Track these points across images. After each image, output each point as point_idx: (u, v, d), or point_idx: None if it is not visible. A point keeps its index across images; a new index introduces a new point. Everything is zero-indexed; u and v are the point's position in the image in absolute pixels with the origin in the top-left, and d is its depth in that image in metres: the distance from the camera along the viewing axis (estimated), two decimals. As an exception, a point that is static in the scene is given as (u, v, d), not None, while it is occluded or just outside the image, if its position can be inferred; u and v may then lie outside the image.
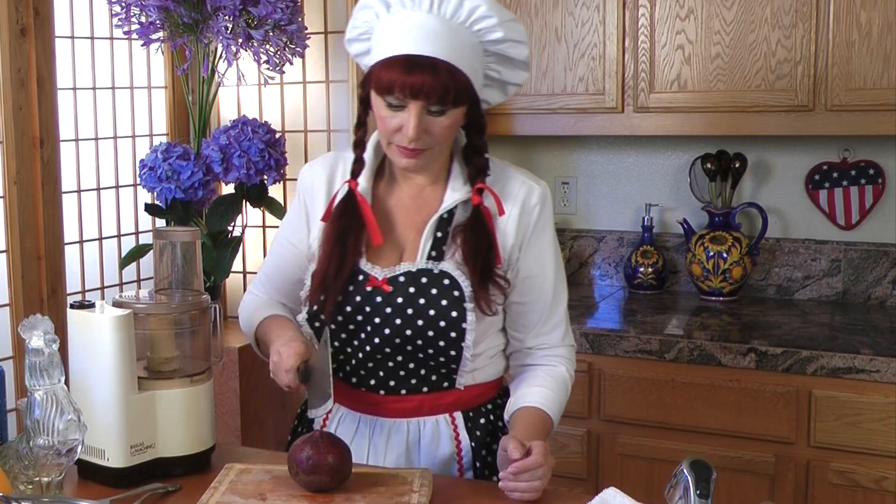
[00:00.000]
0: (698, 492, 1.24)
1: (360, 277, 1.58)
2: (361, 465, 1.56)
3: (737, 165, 2.89)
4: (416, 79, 1.46)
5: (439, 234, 1.59)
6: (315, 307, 1.60)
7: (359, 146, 1.62)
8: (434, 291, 1.55)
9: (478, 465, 1.64)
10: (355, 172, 1.62)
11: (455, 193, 1.60)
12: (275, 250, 1.75)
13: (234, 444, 2.85)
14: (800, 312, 2.76)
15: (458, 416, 1.63)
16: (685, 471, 1.26)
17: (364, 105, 1.58)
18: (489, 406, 1.67)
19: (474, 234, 1.56)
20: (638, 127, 2.78)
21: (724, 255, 2.87)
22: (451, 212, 1.60)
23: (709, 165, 2.91)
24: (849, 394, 2.31)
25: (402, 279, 1.57)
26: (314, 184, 1.68)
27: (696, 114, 2.71)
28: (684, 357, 2.45)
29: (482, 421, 1.65)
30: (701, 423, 2.46)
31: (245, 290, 3.25)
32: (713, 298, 2.92)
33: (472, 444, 1.63)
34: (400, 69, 1.47)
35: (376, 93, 1.51)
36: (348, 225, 1.59)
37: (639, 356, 2.50)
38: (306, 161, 3.14)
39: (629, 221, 3.14)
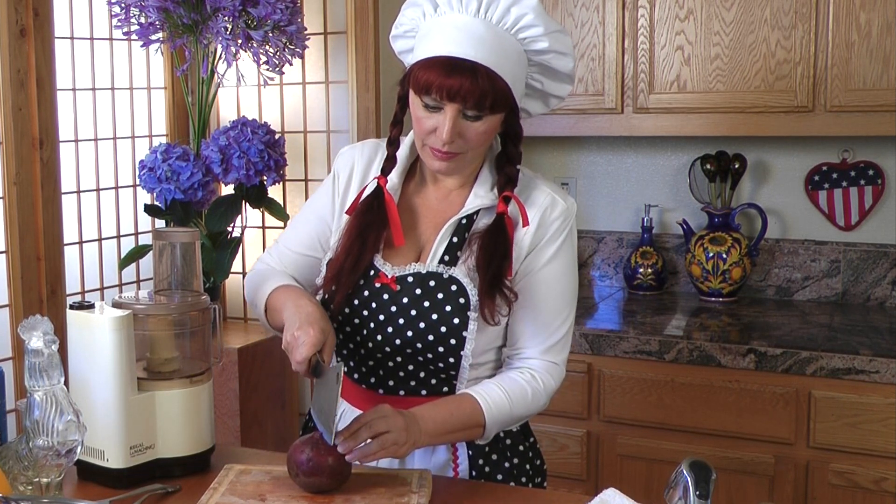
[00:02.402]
0: (698, 492, 1.24)
1: (372, 273, 1.58)
2: (360, 466, 1.56)
3: (736, 166, 2.89)
4: (454, 81, 1.45)
5: (455, 240, 1.58)
6: (326, 296, 1.60)
7: (392, 144, 1.62)
8: (440, 296, 1.54)
9: (474, 473, 1.62)
10: (386, 169, 1.61)
11: (476, 199, 1.59)
12: (298, 222, 1.73)
13: (234, 444, 2.85)
14: (799, 313, 2.76)
15: None
16: (685, 471, 1.26)
17: (401, 103, 1.58)
18: None
19: (492, 241, 1.55)
20: (637, 128, 2.79)
21: (724, 255, 2.87)
22: (472, 218, 1.59)
23: (708, 166, 2.91)
24: (848, 394, 2.31)
25: (410, 279, 1.56)
26: (350, 168, 1.68)
27: (695, 114, 2.71)
28: (684, 358, 2.45)
29: None
30: (700, 424, 2.46)
31: (245, 290, 3.26)
32: (713, 299, 2.92)
33: (470, 451, 1.62)
34: (439, 70, 1.46)
35: (414, 92, 1.51)
36: (371, 221, 1.58)
37: (638, 357, 2.50)
38: (306, 162, 3.15)
39: (629, 222, 3.14)
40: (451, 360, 1.56)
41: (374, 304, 1.57)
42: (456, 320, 1.53)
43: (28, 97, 2.57)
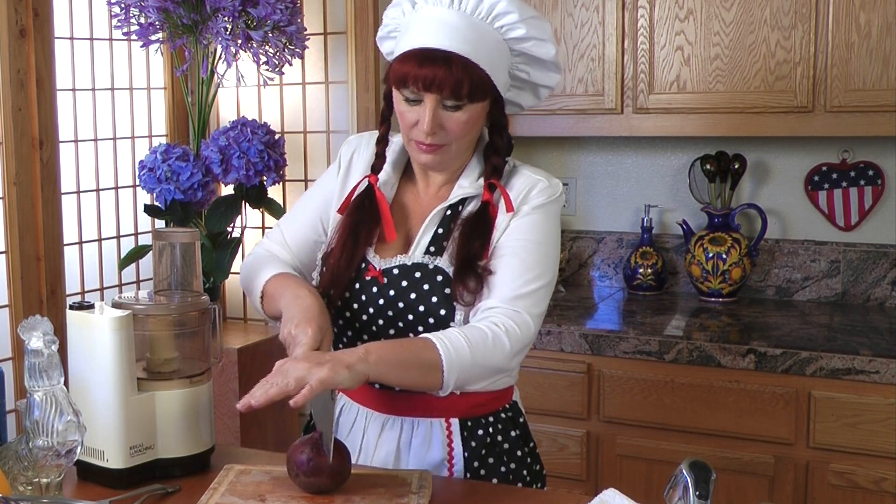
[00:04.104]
0: (698, 493, 1.23)
1: (363, 266, 1.59)
2: (360, 466, 1.56)
3: (736, 166, 2.89)
4: (427, 71, 1.47)
5: (441, 230, 1.59)
6: (322, 291, 1.60)
7: (380, 142, 1.63)
8: (426, 287, 1.55)
9: (468, 475, 1.62)
10: (376, 167, 1.63)
11: (460, 190, 1.60)
12: (301, 203, 1.73)
13: (234, 444, 2.84)
14: (799, 313, 2.76)
15: (455, 422, 1.61)
16: (684, 472, 1.26)
17: (387, 100, 1.60)
18: (491, 419, 1.63)
19: (471, 227, 1.56)
20: (637, 128, 2.79)
21: (724, 256, 2.87)
22: (458, 209, 1.60)
23: (708, 166, 2.91)
24: (848, 395, 2.31)
25: (395, 271, 1.57)
26: (354, 159, 1.69)
27: (695, 115, 2.71)
28: (683, 358, 2.45)
29: (480, 432, 1.62)
30: (700, 424, 2.46)
31: (241, 273, 3.25)
32: (712, 299, 2.92)
33: (466, 453, 1.61)
34: (414, 62, 1.48)
35: (394, 87, 1.53)
36: (363, 219, 1.60)
37: (638, 357, 2.50)
38: (305, 162, 3.15)
39: (628, 222, 3.14)
40: None
41: (363, 297, 1.58)
42: (443, 311, 1.54)
43: (28, 97, 2.57)
